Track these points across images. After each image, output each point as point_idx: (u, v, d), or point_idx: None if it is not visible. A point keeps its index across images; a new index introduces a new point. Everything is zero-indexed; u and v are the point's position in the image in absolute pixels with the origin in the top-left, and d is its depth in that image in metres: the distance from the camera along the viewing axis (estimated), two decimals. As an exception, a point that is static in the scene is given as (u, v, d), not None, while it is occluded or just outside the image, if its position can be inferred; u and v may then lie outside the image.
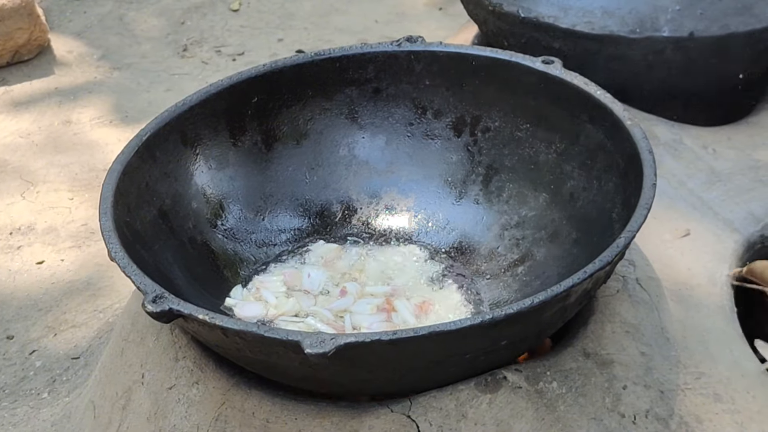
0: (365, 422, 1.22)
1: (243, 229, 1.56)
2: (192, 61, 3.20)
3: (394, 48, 1.61)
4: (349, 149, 1.65)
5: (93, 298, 2.04)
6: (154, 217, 1.43)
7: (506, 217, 1.56)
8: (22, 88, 3.00)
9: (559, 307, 1.17)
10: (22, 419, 1.68)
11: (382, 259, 1.56)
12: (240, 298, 1.48)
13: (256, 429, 1.25)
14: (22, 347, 1.91)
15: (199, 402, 1.31)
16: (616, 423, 1.26)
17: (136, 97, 2.96)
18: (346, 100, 1.64)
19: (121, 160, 1.39)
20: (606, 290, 1.40)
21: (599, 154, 1.44)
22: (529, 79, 1.52)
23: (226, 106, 1.56)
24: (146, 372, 1.39)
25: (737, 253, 1.63)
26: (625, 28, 1.81)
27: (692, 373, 1.38)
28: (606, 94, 1.43)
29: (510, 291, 1.47)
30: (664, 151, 1.79)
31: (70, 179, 2.48)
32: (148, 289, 1.16)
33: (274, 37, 3.34)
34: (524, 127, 1.55)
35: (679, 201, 1.69)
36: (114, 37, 3.37)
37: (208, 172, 1.55)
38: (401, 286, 1.49)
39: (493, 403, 1.22)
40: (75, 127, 2.77)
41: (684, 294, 1.50)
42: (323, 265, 1.55)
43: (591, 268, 1.14)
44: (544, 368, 1.27)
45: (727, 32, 1.80)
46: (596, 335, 1.33)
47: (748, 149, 1.83)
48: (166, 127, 1.48)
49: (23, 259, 2.18)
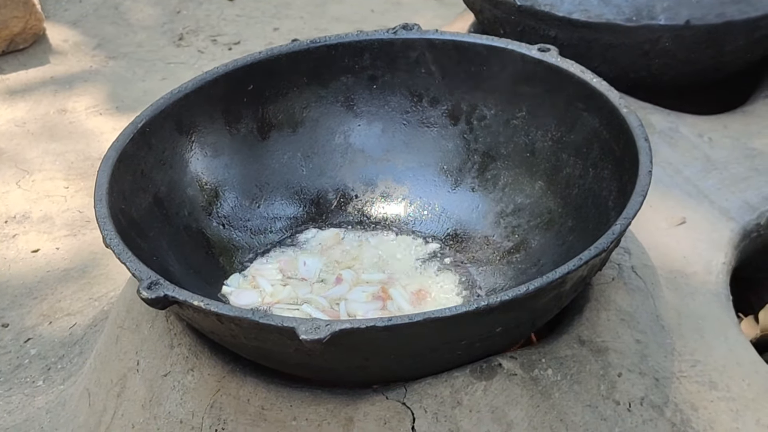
0: (360, 409, 1.22)
1: (238, 217, 1.56)
2: (188, 50, 3.19)
3: (390, 35, 1.60)
4: (345, 137, 1.65)
5: (88, 286, 2.04)
6: (150, 204, 1.43)
7: (502, 204, 1.56)
8: (18, 77, 2.99)
9: (555, 294, 1.17)
10: (17, 407, 1.67)
11: (377, 246, 1.56)
12: (236, 286, 1.48)
13: (251, 416, 1.25)
14: (17, 335, 1.91)
15: (194, 389, 1.31)
16: (611, 410, 1.26)
17: (132, 86, 2.96)
18: (341, 87, 1.63)
19: (117, 148, 1.39)
20: (601, 278, 1.40)
21: (595, 142, 1.44)
22: (525, 67, 1.52)
23: (221, 94, 1.55)
24: (141, 359, 1.39)
25: (733, 241, 1.63)
26: (621, 16, 1.81)
27: (687, 361, 1.38)
28: (602, 82, 1.43)
29: (506, 278, 1.47)
30: (660, 140, 1.79)
31: (66, 168, 2.48)
32: (143, 275, 1.15)
33: (270, 26, 3.34)
34: (520, 115, 1.55)
35: (674, 189, 1.69)
36: (110, 26, 3.36)
37: (203, 160, 1.54)
38: (397, 274, 1.49)
39: (488, 390, 1.22)
40: (70, 115, 2.77)
41: (679, 282, 1.50)
42: (319, 252, 1.55)
43: (586, 255, 1.14)
44: (539, 355, 1.27)
45: (724, 20, 1.80)
46: (591, 323, 1.33)
47: (744, 138, 1.83)
48: (161, 114, 1.48)
49: (18, 248, 2.18)
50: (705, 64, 1.88)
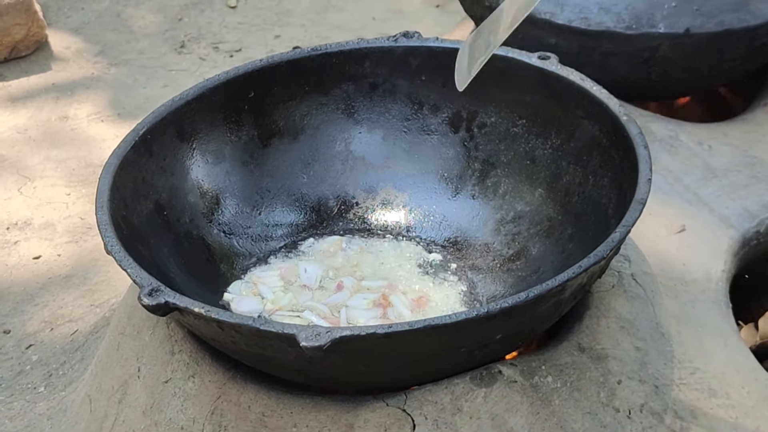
0: (361, 416, 1.22)
1: (239, 224, 1.57)
2: (189, 58, 3.20)
3: (390, 43, 1.61)
4: (346, 144, 1.65)
5: (90, 293, 2.04)
6: (151, 211, 1.43)
7: (502, 212, 1.56)
8: (20, 84, 3.00)
9: (554, 302, 1.18)
10: (18, 413, 1.68)
11: (378, 254, 1.56)
12: (237, 293, 1.48)
13: (252, 423, 1.25)
14: (18, 342, 1.91)
15: (195, 396, 1.31)
16: (610, 417, 1.27)
17: (133, 93, 2.96)
18: (342, 95, 1.64)
19: (118, 155, 1.40)
20: (601, 285, 1.40)
21: (595, 149, 1.44)
22: (526, 74, 1.52)
23: (222, 101, 1.56)
24: (142, 366, 1.39)
25: (732, 249, 1.64)
26: (621, 24, 1.82)
27: (687, 368, 1.38)
28: (602, 90, 1.43)
29: (505, 285, 1.47)
30: (660, 147, 1.79)
31: (67, 174, 2.48)
32: (144, 282, 1.16)
33: (271, 33, 3.34)
34: (520, 123, 1.55)
35: (674, 197, 1.70)
36: (111, 33, 3.36)
37: (204, 167, 1.55)
38: (397, 281, 1.49)
39: (488, 397, 1.22)
40: (72, 122, 2.77)
41: (679, 289, 1.51)
42: (320, 259, 1.55)
43: (586, 263, 1.15)
44: (539, 362, 1.27)
45: (723, 29, 1.80)
46: (591, 330, 1.34)
47: (744, 146, 1.83)
48: (162, 121, 1.48)
49: (20, 254, 2.18)
50: (704, 72, 1.88)
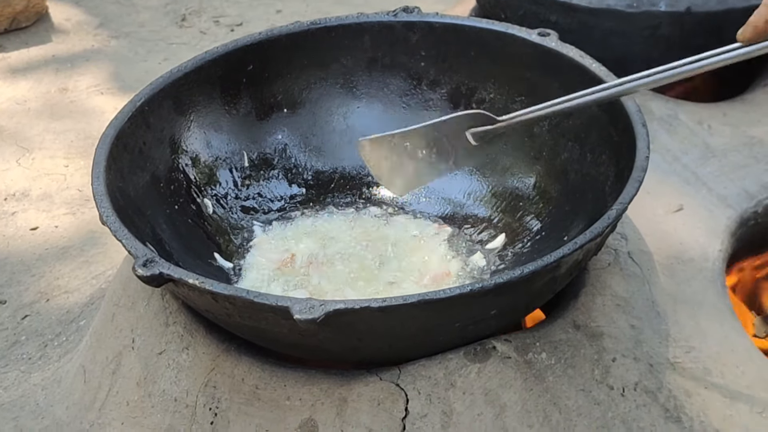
0: (354, 389, 1.22)
1: (235, 196, 1.56)
2: (190, 31, 3.18)
3: (390, 18, 1.60)
4: (344, 119, 1.65)
5: (86, 264, 2.04)
6: (147, 182, 1.43)
7: (500, 188, 1.56)
8: (20, 55, 2.99)
9: (550, 278, 1.17)
10: (12, 383, 1.68)
11: (375, 227, 1.56)
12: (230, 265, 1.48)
13: (246, 395, 1.26)
14: (14, 312, 1.91)
15: (188, 367, 1.31)
16: (604, 395, 1.27)
17: (134, 65, 2.95)
18: (341, 69, 1.63)
19: (115, 126, 1.39)
20: (597, 263, 1.40)
21: (593, 127, 1.44)
22: (525, 51, 1.52)
23: (220, 74, 1.55)
24: (137, 337, 1.39)
25: (730, 229, 1.63)
26: (622, 2, 1.81)
27: (682, 347, 1.38)
28: (601, 67, 1.43)
29: (503, 261, 1.47)
30: (659, 126, 1.79)
31: (66, 146, 2.48)
32: (138, 253, 1.16)
33: (272, 8, 3.33)
34: (519, 99, 1.55)
35: (672, 176, 1.69)
36: (112, 5, 3.35)
37: (201, 139, 1.54)
38: (394, 255, 1.49)
39: (481, 373, 1.22)
40: (71, 94, 2.76)
41: (675, 268, 1.51)
42: (315, 233, 1.55)
43: (582, 239, 1.14)
44: (533, 339, 1.27)
45: (725, 7, 1.80)
46: (587, 307, 1.34)
47: (743, 126, 1.83)
48: (160, 93, 1.48)
49: (17, 225, 2.18)
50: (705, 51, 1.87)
